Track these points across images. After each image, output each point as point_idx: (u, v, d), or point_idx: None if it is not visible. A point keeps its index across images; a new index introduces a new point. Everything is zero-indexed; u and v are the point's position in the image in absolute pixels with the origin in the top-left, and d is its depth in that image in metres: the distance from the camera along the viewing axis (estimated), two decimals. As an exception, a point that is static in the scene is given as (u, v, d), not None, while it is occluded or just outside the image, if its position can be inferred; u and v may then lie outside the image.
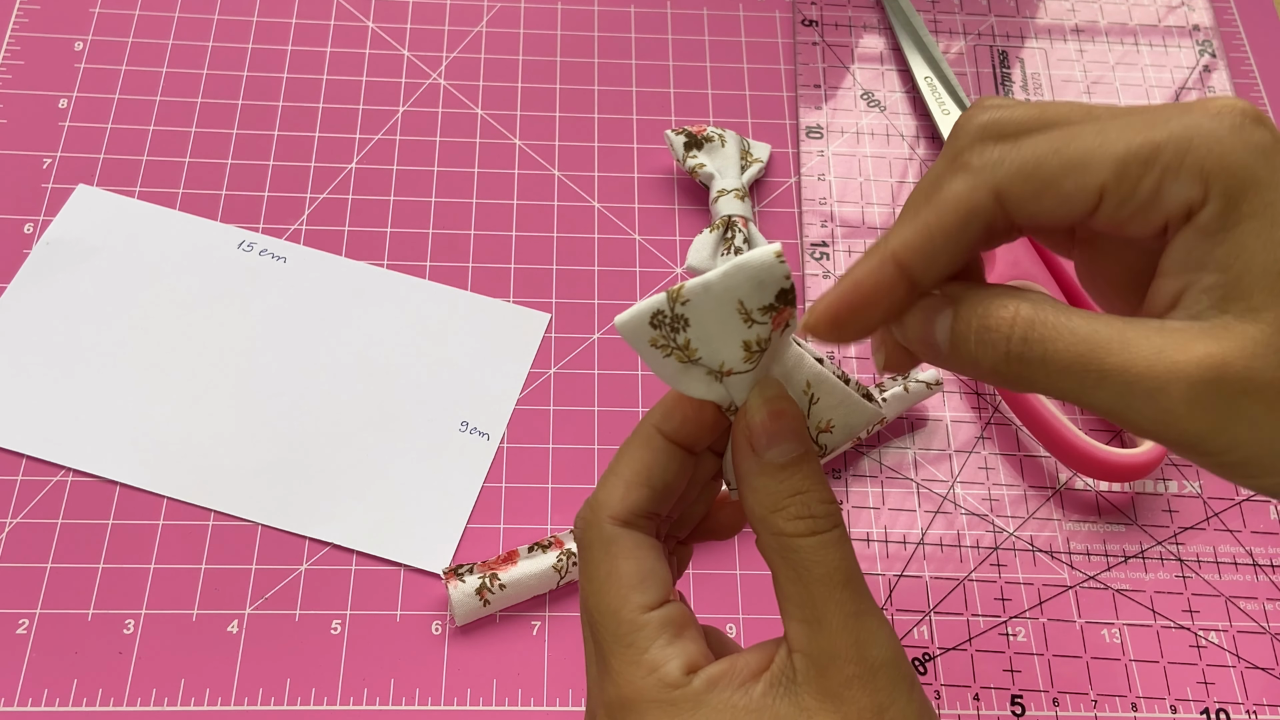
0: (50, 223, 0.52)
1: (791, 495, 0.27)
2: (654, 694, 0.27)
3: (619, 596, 0.28)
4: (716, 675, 0.27)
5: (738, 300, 0.26)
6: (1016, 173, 0.25)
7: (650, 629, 0.27)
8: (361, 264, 0.52)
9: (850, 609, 0.26)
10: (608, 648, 0.28)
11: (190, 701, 0.42)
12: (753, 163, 0.54)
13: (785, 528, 0.27)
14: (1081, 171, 0.24)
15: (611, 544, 0.28)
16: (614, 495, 0.29)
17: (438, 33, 0.59)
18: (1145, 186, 0.24)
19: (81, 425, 0.47)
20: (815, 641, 0.26)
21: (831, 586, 0.26)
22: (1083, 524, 0.47)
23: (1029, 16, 0.61)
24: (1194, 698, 0.44)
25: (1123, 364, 0.24)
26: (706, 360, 0.28)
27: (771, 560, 0.28)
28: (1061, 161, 0.24)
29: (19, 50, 0.56)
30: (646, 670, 0.27)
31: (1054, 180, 0.24)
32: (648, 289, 0.52)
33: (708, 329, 0.27)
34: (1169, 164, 0.24)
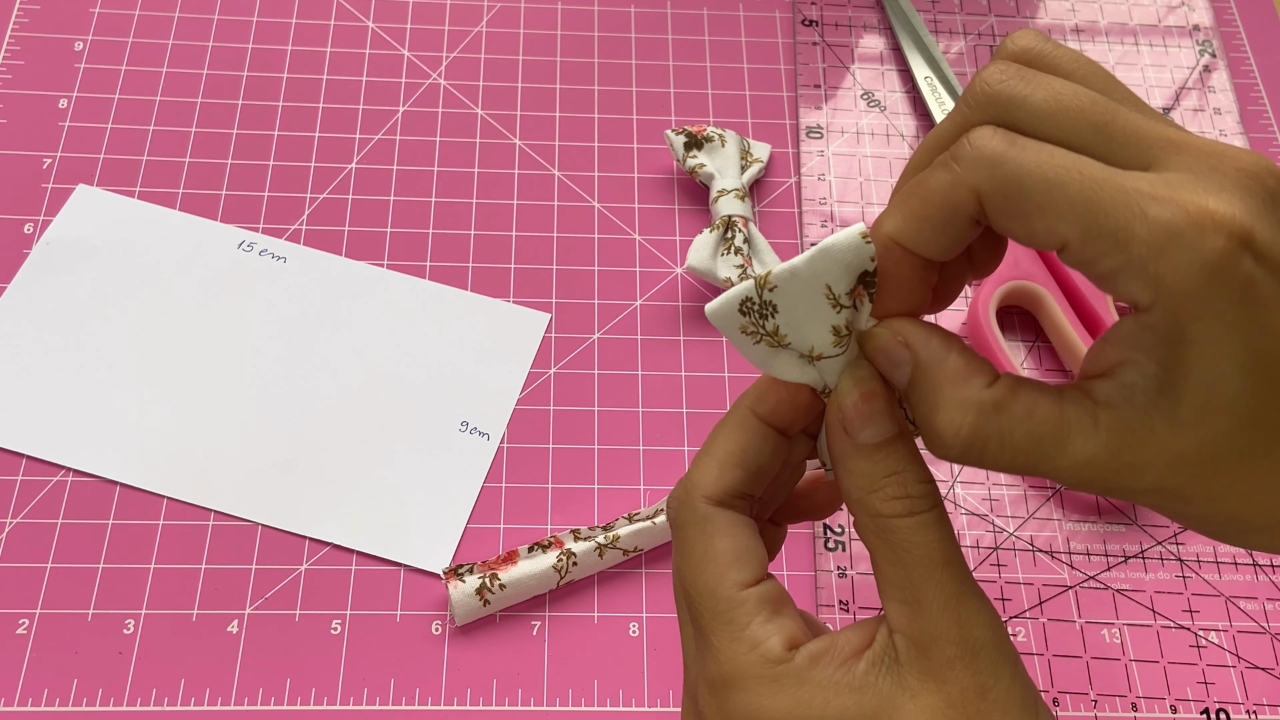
0: (50, 223, 0.52)
1: (888, 476, 0.27)
2: (757, 670, 0.27)
3: (716, 574, 0.28)
4: (819, 651, 0.27)
5: (825, 285, 0.26)
6: (999, 187, 0.24)
7: (749, 605, 0.28)
8: (361, 264, 0.52)
9: (951, 590, 0.26)
10: (707, 625, 0.28)
11: (190, 701, 0.42)
12: (753, 163, 0.54)
13: (882, 509, 0.27)
14: (1054, 217, 0.24)
15: (706, 522, 0.29)
16: (708, 475, 0.29)
17: (438, 33, 0.59)
18: (1104, 266, 0.23)
19: (81, 425, 0.47)
20: (916, 623, 0.26)
21: (931, 567, 0.26)
22: (1083, 524, 0.47)
23: (1029, 16, 0.61)
24: (1194, 697, 0.44)
25: (1054, 468, 0.25)
26: (796, 345, 0.28)
27: (870, 542, 0.28)
28: (1042, 198, 0.24)
29: (19, 50, 0.56)
30: (748, 646, 0.27)
31: (1027, 212, 0.24)
32: (647, 289, 0.52)
33: (796, 314, 0.27)
34: (1133, 259, 0.23)
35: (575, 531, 0.45)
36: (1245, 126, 0.58)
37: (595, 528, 0.45)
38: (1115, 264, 0.23)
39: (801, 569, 0.46)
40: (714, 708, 0.28)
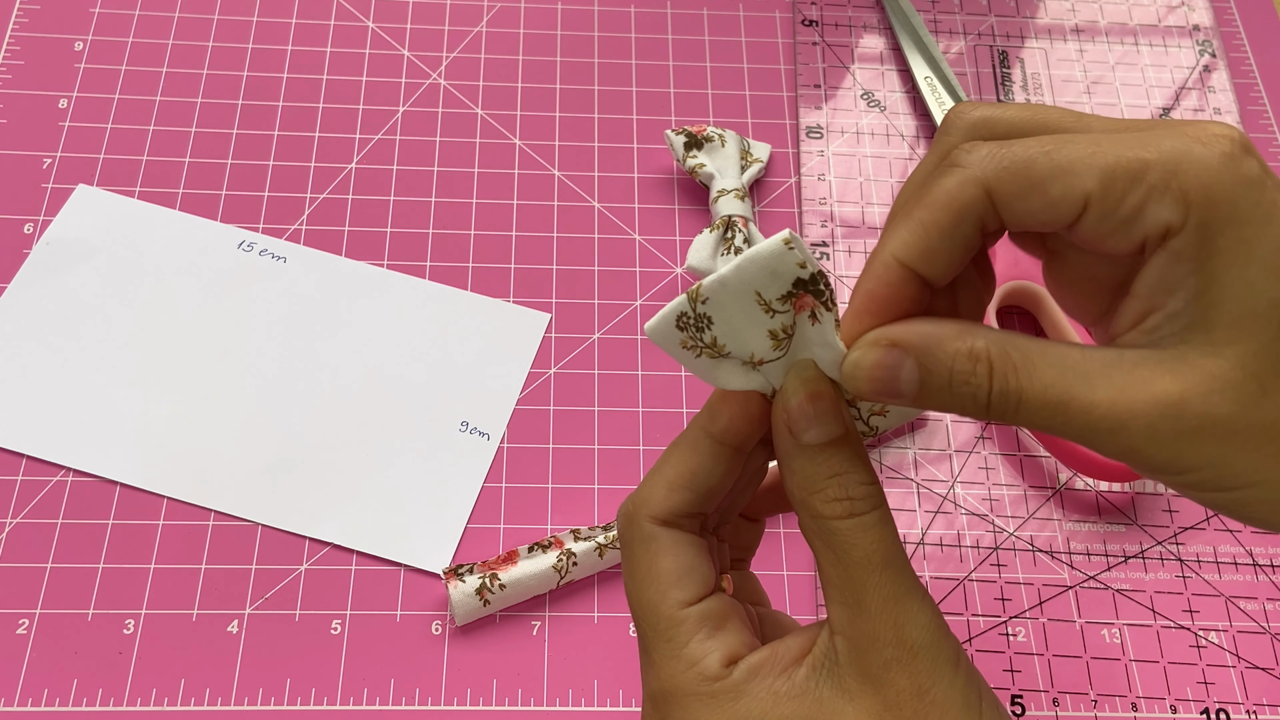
0: (50, 223, 0.52)
1: (830, 477, 0.27)
2: (694, 687, 0.27)
3: (658, 592, 0.28)
4: (758, 663, 0.27)
5: (754, 292, 0.26)
6: (1006, 169, 0.25)
7: (689, 624, 0.28)
8: (361, 264, 0.52)
9: (889, 591, 0.26)
10: (650, 642, 0.28)
11: (190, 701, 0.42)
12: (753, 163, 0.54)
13: (823, 510, 0.27)
14: (1069, 176, 0.24)
15: (651, 542, 0.29)
16: (655, 495, 0.29)
17: (438, 33, 0.59)
18: (1129, 202, 0.24)
19: (81, 425, 0.47)
20: (855, 624, 0.26)
21: (870, 569, 0.26)
22: (1083, 524, 0.47)
23: (1029, 16, 0.61)
24: (1194, 698, 0.44)
25: (1087, 405, 0.24)
26: (736, 353, 0.28)
27: (812, 543, 0.28)
28: (1051, 164, 0.24)
29: (19, 50, 0.56)
30: (686, 664, 0.28)
31: (1042, 182, 0.24)
32: (647, 289, 0.52)
33: (732, 323, 0.27)
34: (1155, 183, 0.24)
35: (575, 531, 0.45)
36: (1245, 126, 0.58)
37: (595, 528, 0.45)
38: (1139, 197, 0.24)
39: (802, 569, 0.46)
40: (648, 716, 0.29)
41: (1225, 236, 0.23)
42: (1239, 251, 0.23)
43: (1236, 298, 0.23)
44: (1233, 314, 0.23)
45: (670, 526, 0.29)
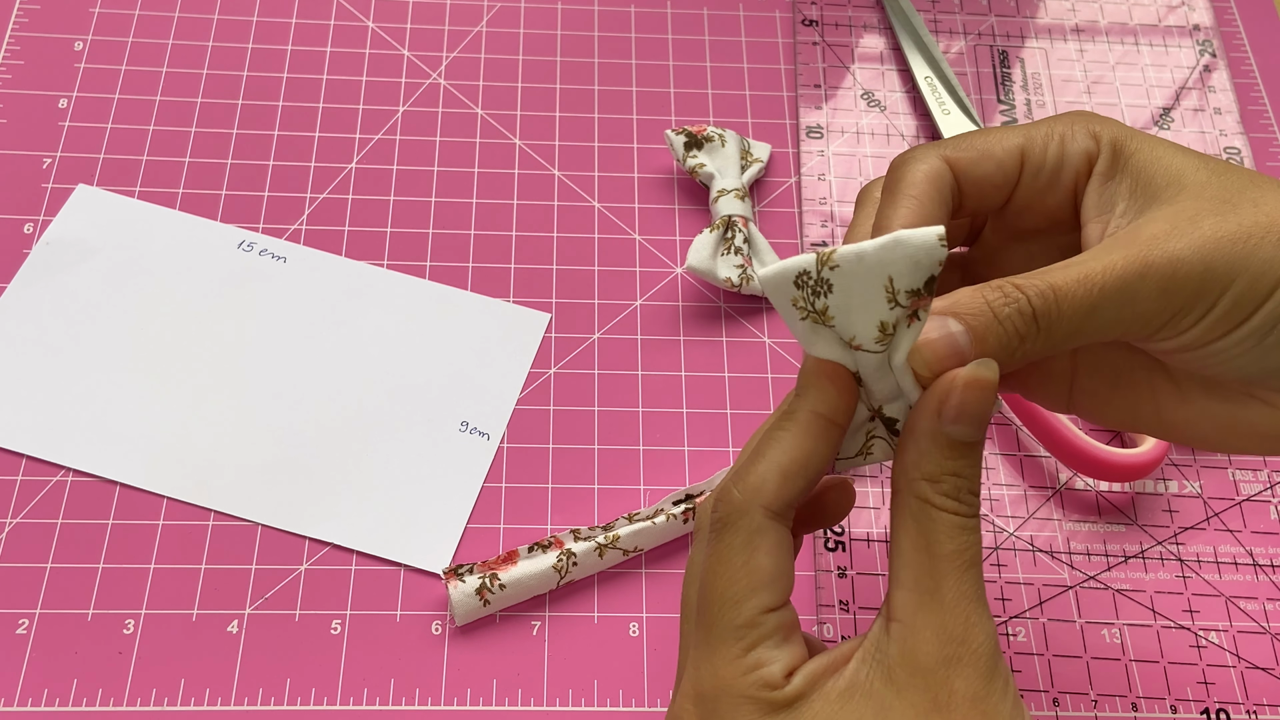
0: (50, 223, 0.52)
1: (952, 474, 0.27)
2: (752, 692, 0.27)
3: (748, 590, 0.28)
4: (815, 672, 0.27)
5: (888, 277, 0.26)
6: (957, 145, 0.31)
7: (766, 628, 0.28)
8: (361, 264, 0.52)
9: (969, 590, 0.26)
10: (717, 636, 0.28)
11: (190, 701, 0.42)
12: (753, 163, 0.54)
13: (934, 499, 0.27)
14: (1005, 138, 0.31)
15: (757, 535, 0.28)
16: (770, 483, 0.28)
17: (438, 33, 0.59)
18: (1053, 149, 0.30)
19: (81, 425, 0.47)
20: (923, 613, 0.26)
21: (957, 564, 0.27)
22: (1083, 524, 0.47)
23: (1029, 16, 0.61)
24: (1194, 698, 0.44)
25: (1106, 265, 0.27)
26: (839, 329, 0.27)
27: (903, 523, 0.27)
28: (988, 137, 0.31)
29: (19, 50, 0.56)
30: (749, 668, 0.27)
31: (987, 148, 0.31)
32: (648, 289, 0.52)
33: (850, 299, 0.26)
34: (1065, 131, 0.31)
35: (575, 531, 0.45)
36: (1245, 126, 0.58)
37: (595, 528, 0.45)
38: (1057, 141, 0.31)
39: (802, 569, 0.46)
40: (687, 714, 0.28)
41: (1132, 142, 0.30)
42: (1145, 148, 0.29)
43: (1163, 171, 0.29)
44: (1165, 180, 0.29)
45: (779, 521, 0.28)
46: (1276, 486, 0.49)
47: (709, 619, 0.28)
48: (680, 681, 0.29)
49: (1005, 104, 0.58)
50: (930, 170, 0.30)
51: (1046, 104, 0.58)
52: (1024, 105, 0.58)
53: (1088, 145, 0.30)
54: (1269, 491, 0.48)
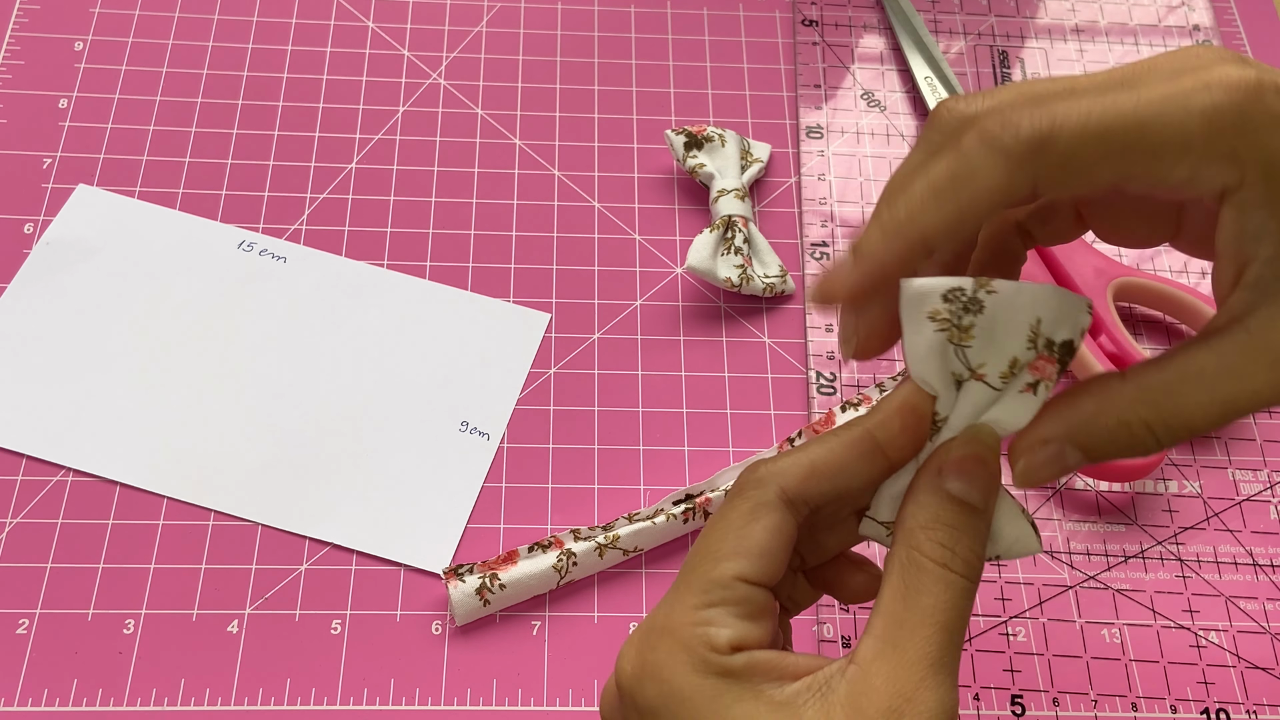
0: (50, 223, 0.52)
1: (949, 526, 0.27)
2: (691, 643, 0.27)
3: (732, 551, 0.28)
4: (759, 662, 0.27)
5: (1036, 317, 0.26)
6: (1058, 164, 0.24)
7: (732, 594, 0.27)
8: (361, 264, 0.52)
9: (934, 652, 0.26)
10: (686, 584, 0.28)
11: (190, 701, 0.42)
12: (753, 163, 0.54)
13: (924, 546, 0.27)
14: (1116, 166, 0.24)
15: (763, 508, 0.28)
16: (795, 472, 0.28)
17: (438, 33, 0.59)
18: (1178, 174, 0.24)
19: (81, 425, 0.47)
20: (879, 662, 0.26)
21: (930, 621, 0.26)
22: (1083, 524, 0.47)
23: (1029, 16, 0.61)
24: (1194, 697, 0.44)
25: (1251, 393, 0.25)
26: (974, 353, 0.27)
27: (892, 575, 0.27)
28: (1097, 151, 0.24)
29: (19, 50, 0.56)
30: (700, 621, 0.27)
31: (1089, 170, 0.24)
32: (648, 289, 0.52)
33: (994, 326, 0.27)
34: (1202, 154, 0.24)
35: (575, 531, 0.45)
36: (1245, 126, 0.58)
37: (595, 528, 0.45)
38: (1188, 168, 0.24)
39: (801, 569, 0.46)
40: (633, 651, 0.28)
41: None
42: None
43: None
44: None
45: (790, 510, 0.28)
46: (1276, 486, 0.49)
47: (687, 567, 0.29)
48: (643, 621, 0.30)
49: (1005, 104, 0.58)
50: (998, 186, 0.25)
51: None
52: (1024, 105, 0.58)
53: (1226, 179, 0.24)
54: (1269, 491, 0.48)
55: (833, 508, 0.30)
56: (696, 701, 0.26)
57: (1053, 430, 0.27)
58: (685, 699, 0.26)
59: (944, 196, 0.26)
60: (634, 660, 0.28)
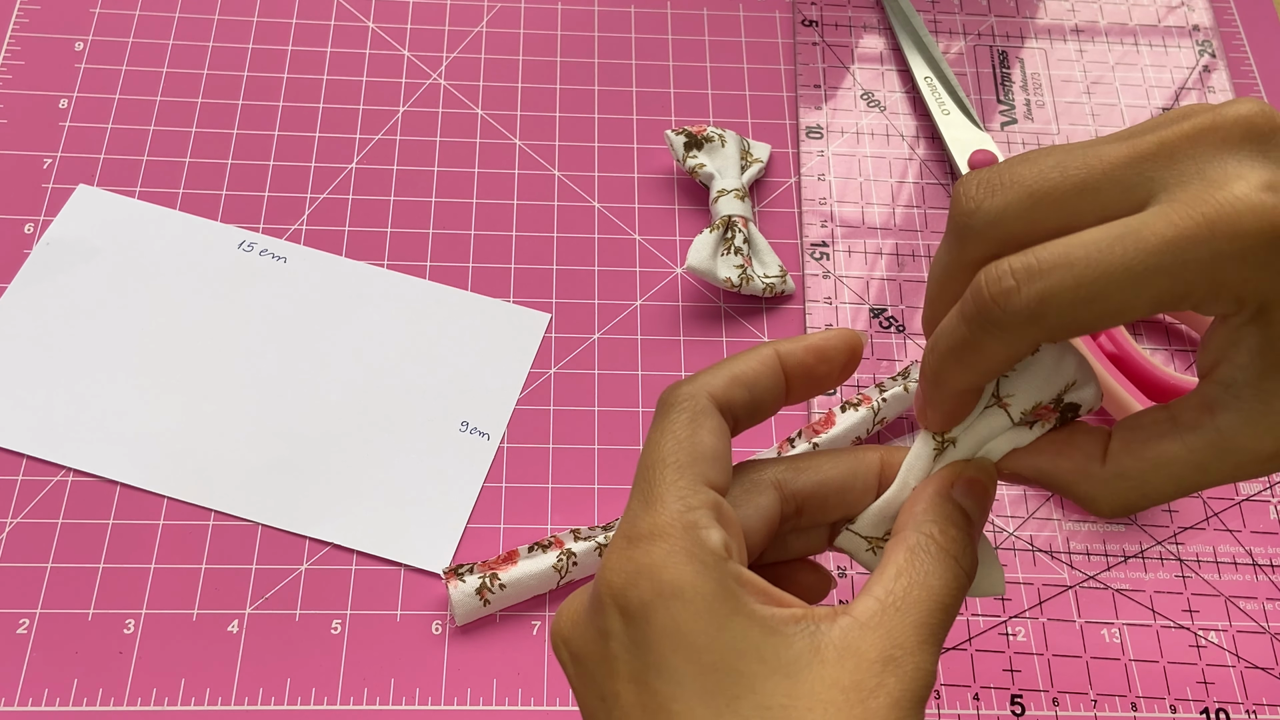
0: (50, 223, 0.52)
1: (956, 527, 0.29)
2: (684, 539, 0.26)
3: (690, 459, 0.28)
4: (748, 574, 0.27)
5: (1073, 379, 0.29)
6: (1058, 326, 0.25)
7: (705, 498, 0.27)
8: (362, 264, 0.52)
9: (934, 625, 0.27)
10: (658, 495, 0.27)
11: (190, 701, 0.42)
12: (753, 163, 0.54)
13: (938, 536, 0.28)
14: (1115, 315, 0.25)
15: (702, 415, 0.28)
16: (718, 381, 0.29)
17: (438, 33, 0.59)
18: (1183, 307, 0.25)
19: (81, 425, 0.47)
20: (881, 618, 0.26)
21: (935, 597, 0.27)
22: (1083, 524, 0.47)
23: (1029, 16, 0.61)
24: (1194, 697, 0.44)
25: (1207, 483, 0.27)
26: (1007, 384, 0.29)
27: (897, 552, 0.28)
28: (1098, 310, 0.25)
29: (19, 50, 0.56)
30: (689, 523, 0.27)
31: (1090, 324, 0.25)
32: (648, 289, 0.52)
33: (1035, 370, 0.29)
34: (1204, 298, 0.24)
35: (575, 531, 0.45)
36: (1245, 126, 0.58)
37: (595, 528, 0.45)
38: (1190, 304, 0.25)
39: (801, 569, 0.46)
40: (619, 561, 0.26)
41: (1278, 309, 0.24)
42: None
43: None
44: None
45: (724, 415, 0.29)
46: (1276, 486, 0.49)
47: (648, 482, 0.28)
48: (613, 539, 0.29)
49: (1005, 104, 0.58)
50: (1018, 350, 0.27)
51: (1046, 104, 0.58)
52: (1024, 105, 0.58)
53: (1224, 310, 0.25)
54: (1269, 491, 0.48)
55: (810, 514, 0.31)
56: (695, 603, 0.25)
57: (1026, 471, 0.29)
58: (685, 597, 0.25)
59: (963, 364, 0.27)
60: (623, 568, 0.26)
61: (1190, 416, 0.27)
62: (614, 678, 0.26)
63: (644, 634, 0.26)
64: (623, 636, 0.26)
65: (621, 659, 0.26)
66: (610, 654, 0.26)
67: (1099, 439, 0.28)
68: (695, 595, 0.25)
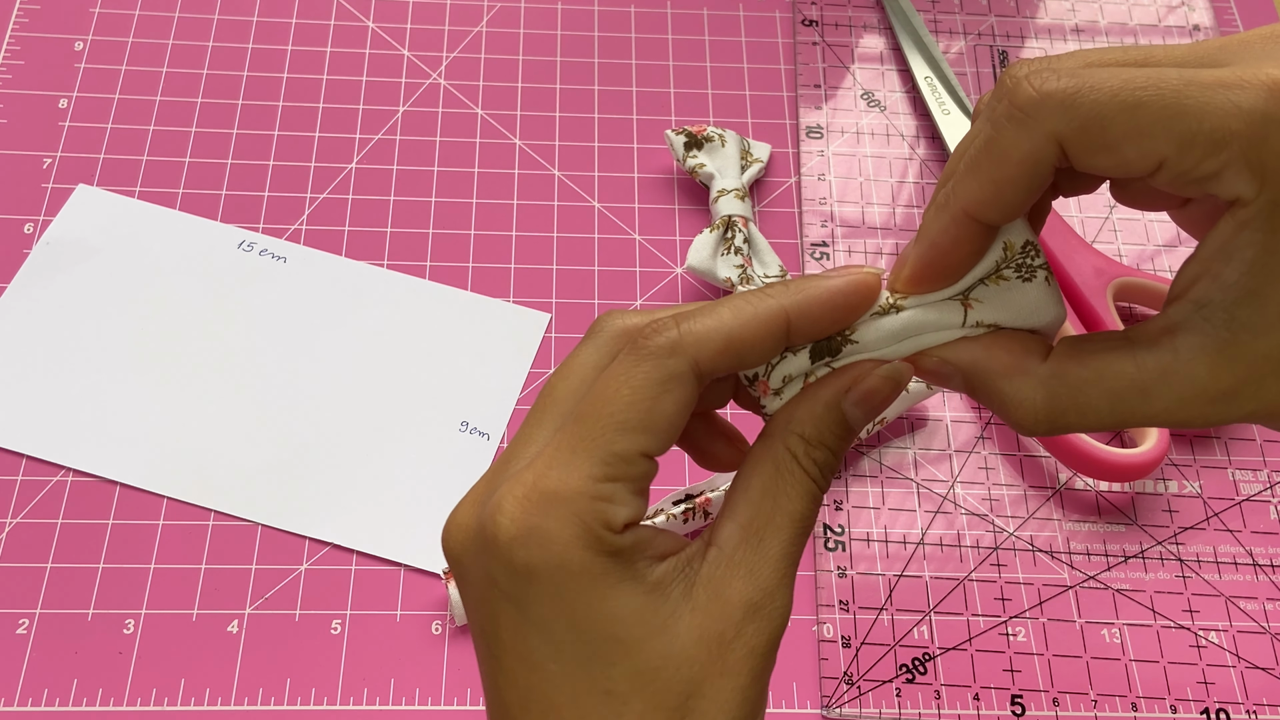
0: (50, 223, 0.52)
1: (828, 448, 0.27)
2: (588, 516, 0.25)
3: (640, 424, 0.26)
4: (641, 540, 0.26)
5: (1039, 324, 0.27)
6: (1080, 128, 0.24)
7: (634, 471, 0.26)
8: (361, 264, 0.52)
9: (792, 554, 0.27)
10: (586, 450, 0.25)
11: (190, 701, 0.42)
12: (753, 163, 0.54)
13: (802, 458, 0.27)
14: (1145, 139, 0.23)
15: (675, 381, 0.26)
16: (712, 346, 0.26)
17: (438, 33, 0.59)
18: (1205, 168, 0.23)
19: (81, 425, 0.47)
20: (743, 550, 0.26)
21: (795, 525, 0.27)
22: (1083, 524, 0.47)
23: (1029, 16, 0.61)
24: (1194, 697, 0.44)
25: (1145, 417, 0.25)
26: (985, 291, 0.28)
27: (760, 465, 0.27)
28: (1128, 125, 0.23)
29: (19, 50, 0.56)
30: (600, 495, 0.25)
31: (1117, 143, 0.23)
32: (648, 289, 0.52)
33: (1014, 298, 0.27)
34: (1233, 157, 0.23)
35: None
36: (1245, 126, 0.58)
37: (595, 528, 0.45)
38: (1217, 164, 0.23)
39: (801, 568, 0.46)
40: (517, 509, 0.25)
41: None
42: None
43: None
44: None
45: (698, 382, 0.26)
46: (1276, 486, 0.49)
47: (585, 428, 0.26)
48: (511, 466, 0.27)
49: (1005, 104, 0.58)
50: (1028, 152, 0.25)
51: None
52: (1024, 105, 0.58)
53: (1243, 191, 0.23)
54: (1269, 491, 0.48)
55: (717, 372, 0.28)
56: (581, 580, 0.25)
57: (957, 359, 0.27)
58: (571, 574, 0.25)
59: (978, 168, 0.25)
60: (518, 520, 0.25)
61: (1148, 336, 0.25)
62: (497, 622, 0.26)
63: (527, 594, 0.25)
64: (507, 588, 0.26)
65: (504, 611, 0.26)
66: (493, 599, 0.26)
67: (1042, 343, 0.27)
68: (583, 572, 0.25)
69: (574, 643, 0.25)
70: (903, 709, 0.43)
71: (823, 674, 0.43)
